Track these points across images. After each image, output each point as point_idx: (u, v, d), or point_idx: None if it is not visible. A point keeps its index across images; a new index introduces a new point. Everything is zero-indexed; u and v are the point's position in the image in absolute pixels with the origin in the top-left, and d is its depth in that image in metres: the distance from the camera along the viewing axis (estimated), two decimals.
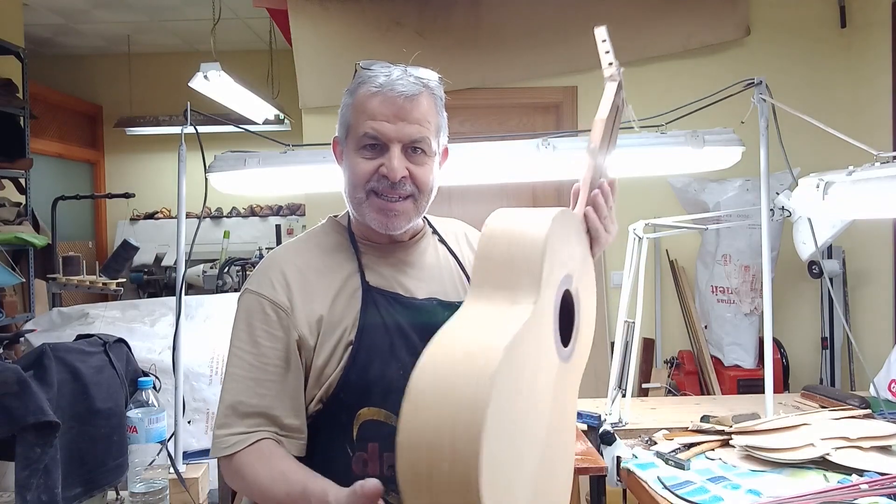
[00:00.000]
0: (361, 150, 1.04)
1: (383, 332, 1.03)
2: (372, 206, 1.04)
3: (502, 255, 0.85)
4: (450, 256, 1.18)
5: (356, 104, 1.05)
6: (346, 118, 1.07)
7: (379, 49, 3.31)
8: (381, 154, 1.03)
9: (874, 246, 3.09)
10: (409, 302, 1.07)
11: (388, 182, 1.02)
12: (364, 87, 1.04)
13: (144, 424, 1.41)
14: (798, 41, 3.33)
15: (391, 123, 1.02)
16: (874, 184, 1.54)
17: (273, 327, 1.02)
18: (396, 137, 1.02)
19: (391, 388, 0.99)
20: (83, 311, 2.27)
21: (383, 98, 1.02)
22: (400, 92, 1.02)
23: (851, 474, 1.43)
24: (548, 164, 1.82)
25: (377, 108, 1.02)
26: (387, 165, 1.02)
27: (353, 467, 1.00)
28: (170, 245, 5.16)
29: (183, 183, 1.72)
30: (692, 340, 3.23)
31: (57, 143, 5.24)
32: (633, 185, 3.06)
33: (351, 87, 1.07)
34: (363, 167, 1.03)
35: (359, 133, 1.03)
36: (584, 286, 0.98)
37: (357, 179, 1.04)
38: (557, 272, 0.88)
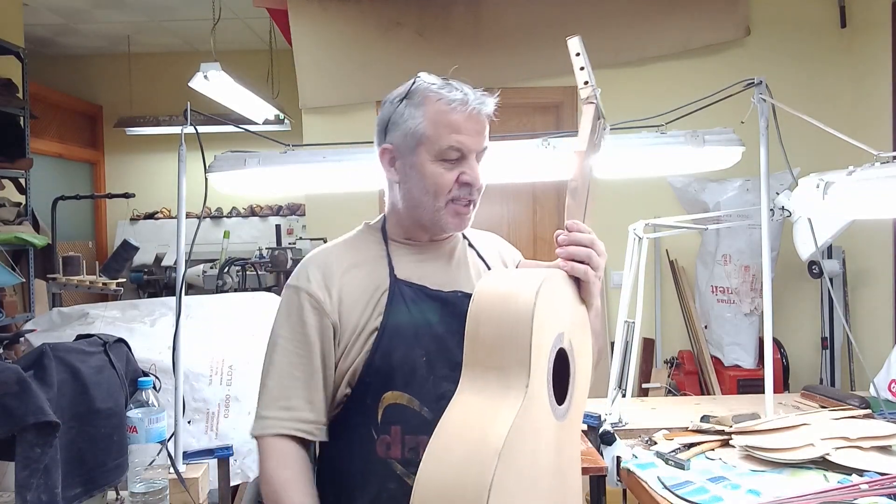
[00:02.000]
0: (442, 161, 1.12)
1: (408, 319, 1.11)
2: (450, 212, 1.14)
3: (491, 337, 0.89)
4: (478, 259, 1.26)
5: (434, 117, 1.11)
6: (419, 129, 1.12)
7: (379, 49, 3.31)
8: (459, 164, 1.13)
9: (874, 246, 3.09)
10: (435, 294, 1.15)
11: (468, 189, 1.13)
12: (442, 102, 1.11)
13: (144, 424, 1.41)
14: (798, 41, 3.33)
15: (472, 137, 1.12)
16: (874, 184, 1.54)
17: (310, 317, 1.12)
18: (475, 149, 1.13)
19: (414, 374, 1.08)
20: (83, 311, 2.26)
21: (469, 115, 1.11)
22: (479, 109, 1.12)
23: (851, 474, 1.43)
24: (548, 164, 1.82)
25: (461, 123, 1.11)
26: (470, 175, 1.13)
27: (377, 449, 1.08)
28: (170, 245, 5.16)
29: (183, 183, 1.72)
30: (692, 340, 3.23)
31: (57, 143, 5.24)
32: (633, 185, 3.07)
33: (414, 100, 1.14)
34: (447, 178, 1.12)
35: (442, 145, 1.11)
36: (577, 336, 1.01)
37: (440, 189, 1.13)
38: (548, 337, 0.91)
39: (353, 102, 3.35)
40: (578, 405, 1.01)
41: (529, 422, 0.86)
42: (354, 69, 3.33)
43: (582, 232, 1.03)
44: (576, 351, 0.99)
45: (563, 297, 0.98)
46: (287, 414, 1.09)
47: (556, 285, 0.96)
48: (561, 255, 1.02)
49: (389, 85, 1.23)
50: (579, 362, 1.00)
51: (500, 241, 1.36)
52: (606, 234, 3.73)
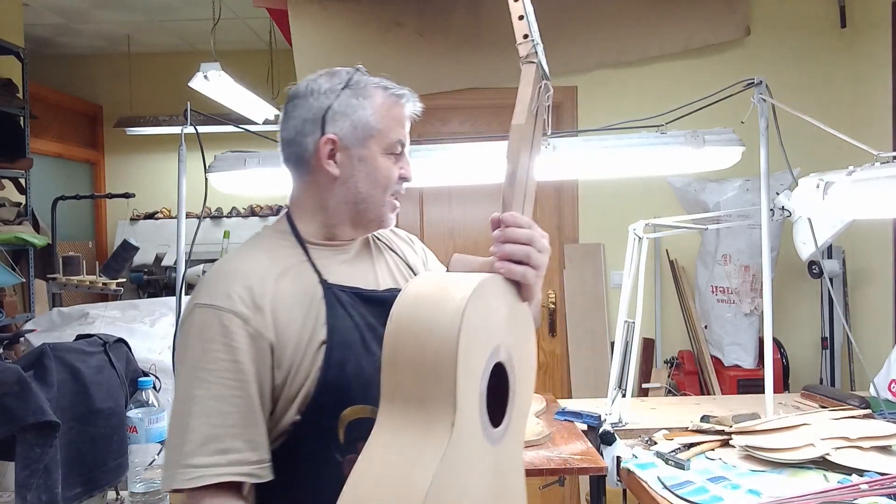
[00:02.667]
0: (389, 155, 1.09)
1: (352, 327, 1.01)
2: (389, 207, 1.11)
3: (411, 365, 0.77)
4: (391, 252, 1.21)
5: (382, 110, 1.07)
6: (370, 121, 1.06)
7: (379, 49, 3.31)
8: (400, 158, 1.10)
9: (874, 246, 3.09)
10: (371, 295, 1.07)
11: (402, 184, 1.11)
12: (387, 95, 1.08)
13: (144, 424, 1.41)
14: (798, 41, 3.33)
15: (406, 133, 1.11)
16: (874, 184, 1.54)
17: (240, 341, 0.94)
18: (407, 144, 1.12)
19: (370, 383, 0.95)
20: (83, 311, 2.26)
21: (404, 108, 1.10)
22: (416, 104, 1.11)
23: (851, 474, 1.43)
24: (548, 164, 1.82)
25: (404, 116, 1.09)
26: (407, 170, 1.11)
27: (344, 472, 0.92)
28: (170, 245, 5.15)
29: (183, 183, 1.72)
30: (692, 340, 3.23)
31: (57, 143, 5.23)
32: (633, 185, 3.07)
33: (356, 89, 1.08)
34: (395, 172, 1.09)
35: (391, 139, 1.08)
36: (517, 345, 0.90)
37: (390, 182, 1.09)
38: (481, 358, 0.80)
39: None
40: (519, 421, 0.92)
41: (459, 459, 0.76)
42: None
43: (519, 226, 0.89)
44: (516, 361, 0.89)
45: (498, 306, 0.85)
46: (224, 458, 0.91)
47: (489, 293, 0.83)
48: (495, 254, 0.89)
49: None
50: (520, 373, 0.90)
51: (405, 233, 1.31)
52: (606, 234, 3.73)
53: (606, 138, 1.82)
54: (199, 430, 0.91)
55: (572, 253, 3.42)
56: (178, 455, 0.91)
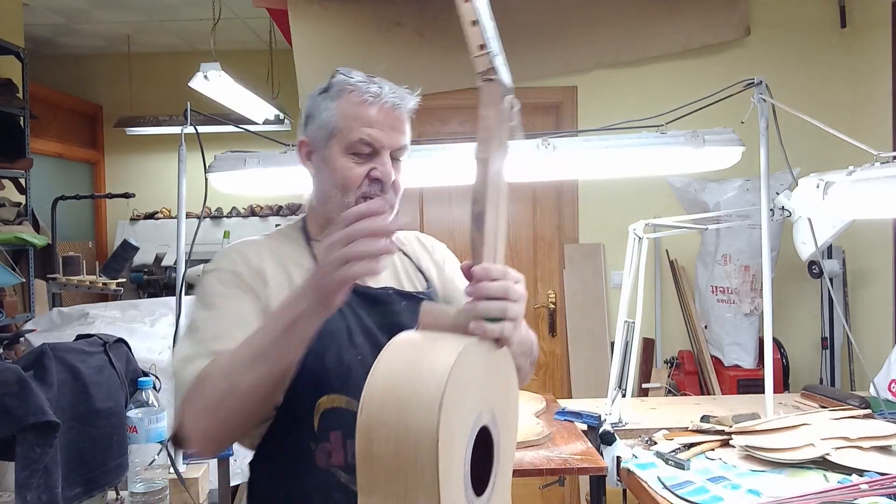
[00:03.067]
0: (351, 154, 1.07)
1: (339, 318, 1.03)
2: None
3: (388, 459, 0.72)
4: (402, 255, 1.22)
5: (345, 109, 1.07)
6: (332, 121, 1.08)
7: (379, 49, 3.31)
8: (371, 159, 1.07)
9: (874, 246, 3.09)
10: (365, 291, 1.09)
11: (378, 186, 1.07)
12: (354, 95, 1.07)
13: (144, 424, 1.41)
14: (798, 41, 3.33)
15: (384, 132, 1.06)
16: (874, 184, 1.54)
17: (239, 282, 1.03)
18: (388, 144, 1.07)
19: (350, 374, 1.01)
20: (83, 311, 2.26)
21: (380, 108, 1.06)
22: (395, 104, 1.07)
23: (851, 474, 1.43)
24: (548, 164, 1.82)
25: (374, 116, 1.06)
26: (381, 170, 1.06)
27: (316, 461, 1.00)
28: (170, 245, 5.15)
29: (183, 183, 1.72)
30: (692, 340, 3.23)
31: (57, 143, 5.23)
32: (633, 185, 3.07)
33: (331, 92, 1.10)
34: (357, 172, 1.06)
35: (351, 138, 1.06)
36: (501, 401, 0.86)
37: (349, 183, 1.07)
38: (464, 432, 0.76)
39: None
40: (504, 477, 0.89)
41: None
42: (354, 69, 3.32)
43: (492, 279, 0.80)
44: (499, 416, 0.84)
45: (477, 371, 0.78)
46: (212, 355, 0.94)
47: (467, 363, 0.75)
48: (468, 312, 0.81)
49: None
50: (504, 428, 0.85)
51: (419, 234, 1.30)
52: (606, 234, 3.73)
53: (606, 138, 1.82)
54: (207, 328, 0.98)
55: (572, 253, 3.42)
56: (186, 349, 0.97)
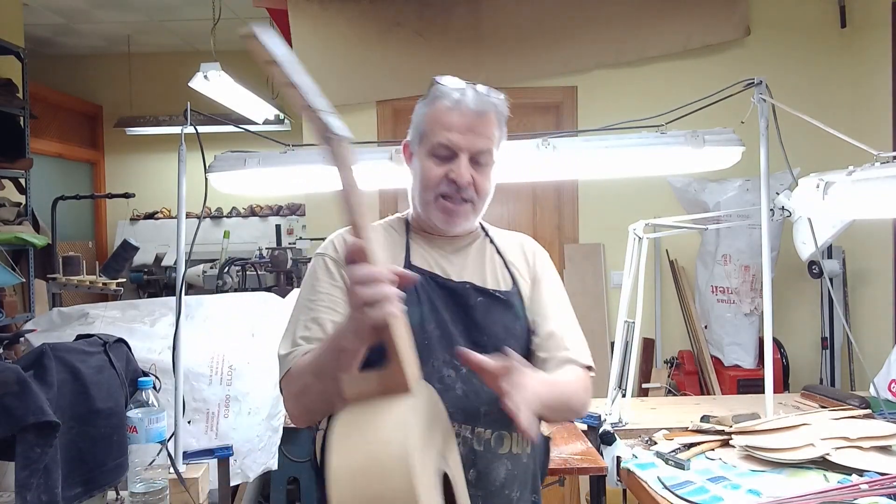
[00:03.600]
0: (433, 156, 1.16)
1: (416, 304, 1.12)
2: (438, 208, 1.18)
3: None
4: (496, 255, 1.27)
5: (432, 115, 1.17)
6: (421, 126, 1.19)
7: (379, 49, 3.31)
8: (450, 161, 1.15)
9: (874, 246, 3.09)
10: (445, 283, 1.18)
11: (455, 187, 1.15)
12: (441, 101, 1.16)
13: (144, 424, 1.41)
14: (798, 41, 3.33)
15: (462, 135, 1.14)
16: (874, 184, 1.54)
17: (334, 279, 1.16)
18: (466, 148, 1.15)
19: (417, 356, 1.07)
20: (83, 311, 2.26)
21: (459, 113, 1.14)
22: (473, 109, 1.14)
23: (851, 474, 1.43)
24: (548, 164, 1.82)
25: (453, 121, 1.14)
26: (455, 172, 1.14)
27: None
28: (170, 245, 5.16)
29: (183, 183, 1.72)
30: (692, 340, 3.23)
31: (57, 143, 5.24)
32: (633, 185, 3.07)
33: (427, 99, 1.19)
34: (435, 172, 1.16)
35: (433, 141, 1.15)
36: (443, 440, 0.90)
37: (429, 183, 1.17)
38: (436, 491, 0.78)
39: (353, 102, 3.35)
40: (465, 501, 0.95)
41: None
42: (354, 69, 3.33)
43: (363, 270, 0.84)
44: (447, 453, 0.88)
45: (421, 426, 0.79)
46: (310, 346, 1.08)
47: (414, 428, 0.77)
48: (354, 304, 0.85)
49: (389, 85, 1.25)
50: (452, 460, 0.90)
51: (528, 243, 1.34)
52: (606, 234, 3.72)
53: (606, 138, 1.82)
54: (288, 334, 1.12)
55: (572, 253, 3.42)
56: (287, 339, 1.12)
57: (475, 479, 1.10)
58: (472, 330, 1.15)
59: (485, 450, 1.10)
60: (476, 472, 1.10)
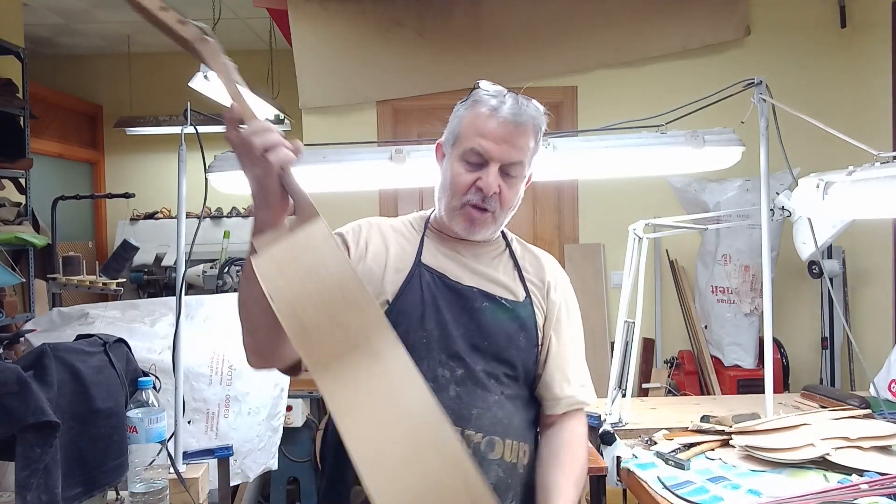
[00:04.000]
0: (464, 161, 1.16)
1: (419, 301, 1.14)
2: (462, 215, 1.17)
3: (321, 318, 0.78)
4: (512, 265, 1.26)
5: (469, 119, 1.16)
6: (457, 129, 1.18)
7: (379, 49, 3.31)
8: (480, 169, 1.14)
9: (874, 246, 3.09)
10: (453, 284, 1.18)
11: (480, 195, 1.14)
12: (479, 107, 1.15)
13: (144, 424, 1.41)
14: (798, 41, 3.33)
15: (496, 144, 1.13)
16: (874, 184, 1.53)
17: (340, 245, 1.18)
18: (497, 157, 1.13)
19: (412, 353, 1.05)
20: (83, 311, 2.26)
21: (496, 121, 1.12)
22: (511, 119, 1.12)
23: (851, 474, 1.43)
24: (548, 164, 1.82)
25: (489, 128, 1.13)
26: (484, 181, 1.13)
27: None
28: (170, 245, 5.15)
29: (183, 183, 1.72)
30: (692, 340, 3.23)
31: (57, 143, 5.24)
32: (633, 185, 3.07)
33: (467, 102, 1.19)
34: (464, 179, 1.15)
35: (466, 146, 1.15)
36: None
37: (457, 189, 1.16)
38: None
39: (353, 102, 3.35)
40: None
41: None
42: (354, 69, 3.33)
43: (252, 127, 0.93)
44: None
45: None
46: None
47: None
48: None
49: (389, 85, 1.25)
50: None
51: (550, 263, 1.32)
52: (606, 234, 3.71)
53: (606, 138, 1.82)
54: None
55: (572, 253, 3.42)
56: None
57: None
58: (472, 333, 1.15)
59: (474, 453, 1.09)
60: None
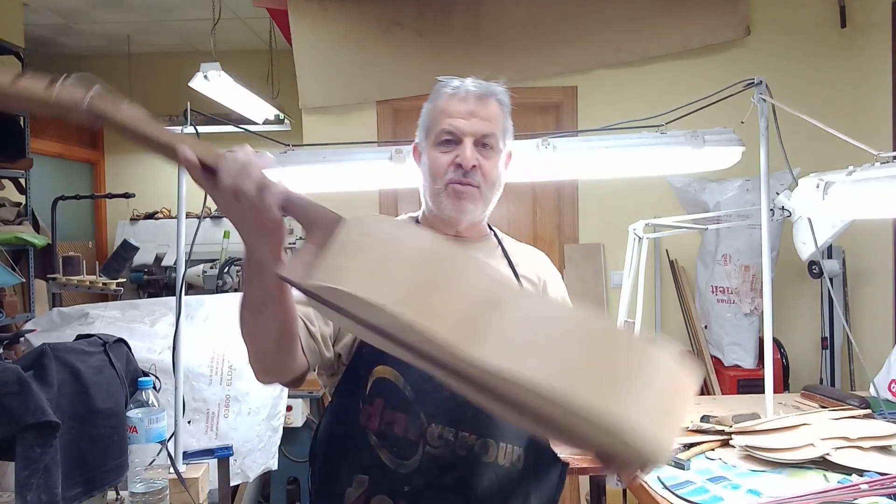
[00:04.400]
0: (439, 145, 1.18)
1: None
2: (448, 194, 1.18)
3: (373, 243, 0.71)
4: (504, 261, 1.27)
5: (435, 108, 1.20)
6: (427, 122, 1.22)
7: (379, 49, 3.31)
8: (456, 147, 1.17)
9: (874, 246, 3.09)
10: None
11: (461, 171, 1.16)
12: (441, 93, 1.20)
13: (144, 424, 1.41)
14: (798, 41, 3.33)
15: (465, 119, 1.16)
16: (874, 184, 1.54)
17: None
18: (469, 132, 1.16)
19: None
20: (83, 311, 2.26)
21: (458, 99, 1.17)
22: (472, 92, 1.17)
23: (851, 474, 1.43)
24: (548, 164, 1.82)
25: (453, 107, 1.17)
26: (461, 155, 1.16)
27: (360, 418, 1.12)
28: (170, 245, 5.16)
29: (183, 183, 1.72)
30: (692, 340, 3.23)
31: (57, 143, 5.24)
32: (633, 185, 3.07)
33: (430, 97, 1.23)
34: (442, 160, 1.17)
35: (437, 130, 1.18)
36: None
37: (437, 171, 1.18)
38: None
39: (353, 102, 3.35)
40: None
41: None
42: (354, 69, 3.33)
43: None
44: None
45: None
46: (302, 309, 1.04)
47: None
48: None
49: (389, 85, 1.26)
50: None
51: (542, 259, 1.34)
52: (606, 234, 3.72)
53: (606, 138, 1.82)
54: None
55: (572, 253, 3.42)
56: None
57: (453, 483, 1.08)
58: None
59: (467, 455, 1.09)
60: (455, 477, 1.08)
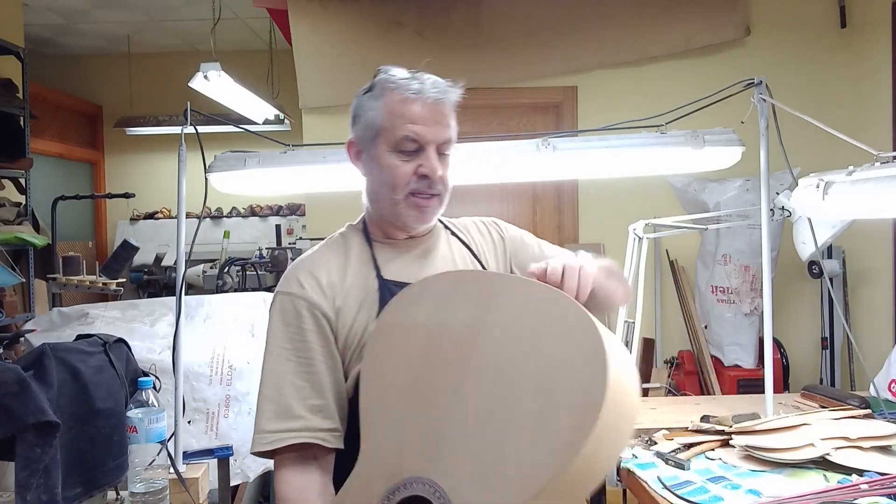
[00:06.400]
0: (398, 152, 1.10)
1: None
2: (409, 205, 1.11)
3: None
4: (462, 247, 1.25)
5: (389, 107, 1.10)
6: (376, 121, 1.11)
7: (379, 49, 3.31)
8: (417, 156, 1.10)
9: (874, 246, 3.09)
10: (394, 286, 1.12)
11: (426, 182, 1.10)
12: (397, 93, 1.10)
13: (144, 424, 1.41)
14: (798, 41, 3.33)
15: (428, 126, 1.09)
16: (874, 184, 1.53)
17: (309, 323, 1.08)
18: (433, 140, 1.10)
19: None
20: (83, 311, 2.26)
21: (422, 104, 1.09)
22: (437, 98, 1.09)
23: (851, 474, 1.43)
24: (548, 164, 1.82)
25: (417, 112, 1.08)
26: (426, 166, 1.09)
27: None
28: (170, 245, 5.16)
29: (183, 183, 1.72)
30: (692, 340, 3.23)
31: (57, 143, 5.24)
32: (633, 185, 3.07)
33: (375, 91, 1.13)
34: (404, 169, 1.10)
35: (397, 136, 1.09)
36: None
37: (397, 181, 1.10)
38: None
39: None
40: None
41: None
42: (354, 69, 3.32)
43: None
44: None
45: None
46: (294, 423, 1.05)
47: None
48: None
49: None
50: None
51: (476, 220, 1.32)
52: (606, 234, 3.72)
53: (606, 138, 1.82)
54: (273, 400, 1.06)
55: None
56: (258, 422, 1.06)
57: None
58: None
59: None
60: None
